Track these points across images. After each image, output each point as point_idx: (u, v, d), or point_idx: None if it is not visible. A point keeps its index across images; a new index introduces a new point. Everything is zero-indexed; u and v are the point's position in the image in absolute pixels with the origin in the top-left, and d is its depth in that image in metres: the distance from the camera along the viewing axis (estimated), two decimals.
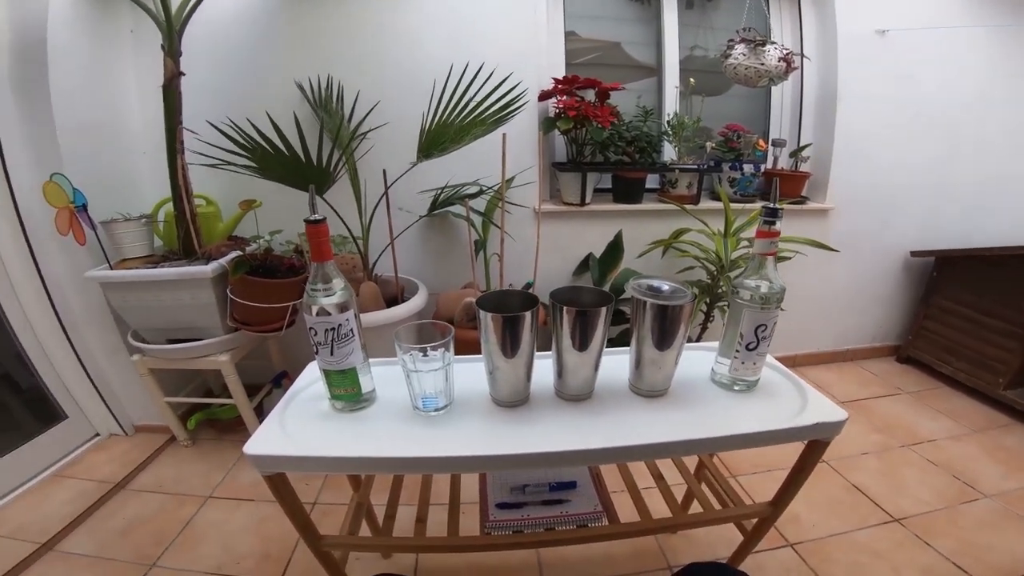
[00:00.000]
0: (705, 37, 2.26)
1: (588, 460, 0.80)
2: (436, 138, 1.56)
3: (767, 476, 1.71)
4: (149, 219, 1.72)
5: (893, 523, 1.51)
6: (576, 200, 2.06)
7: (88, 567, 1.39)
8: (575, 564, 1.40)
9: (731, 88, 2.29)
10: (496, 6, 1.87)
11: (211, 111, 1.54)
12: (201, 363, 1.70)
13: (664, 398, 0.88)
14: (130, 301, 1.62)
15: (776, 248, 0.82)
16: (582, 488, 1.12)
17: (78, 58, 1.62)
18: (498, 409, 0.86)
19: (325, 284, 0.76)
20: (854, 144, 2.17)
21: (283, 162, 1.37)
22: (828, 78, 2.15)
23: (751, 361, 0.87)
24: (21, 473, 1.68)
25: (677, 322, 0.80)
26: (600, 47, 2.20)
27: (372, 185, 1.74)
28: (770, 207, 0.79)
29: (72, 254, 1.63)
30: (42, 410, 1.81)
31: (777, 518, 1.00)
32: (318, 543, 0.92)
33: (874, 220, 2.32)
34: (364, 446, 0.76)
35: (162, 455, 1.88)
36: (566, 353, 0.82)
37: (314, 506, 1.60)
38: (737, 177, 2.12)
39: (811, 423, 0.80)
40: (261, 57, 1.84)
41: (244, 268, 1.53)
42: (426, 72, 1.73)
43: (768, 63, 1.83)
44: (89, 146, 1.67)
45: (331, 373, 0.81)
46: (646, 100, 2.15)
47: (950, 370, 2.29)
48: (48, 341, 1.77)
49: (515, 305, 0.82)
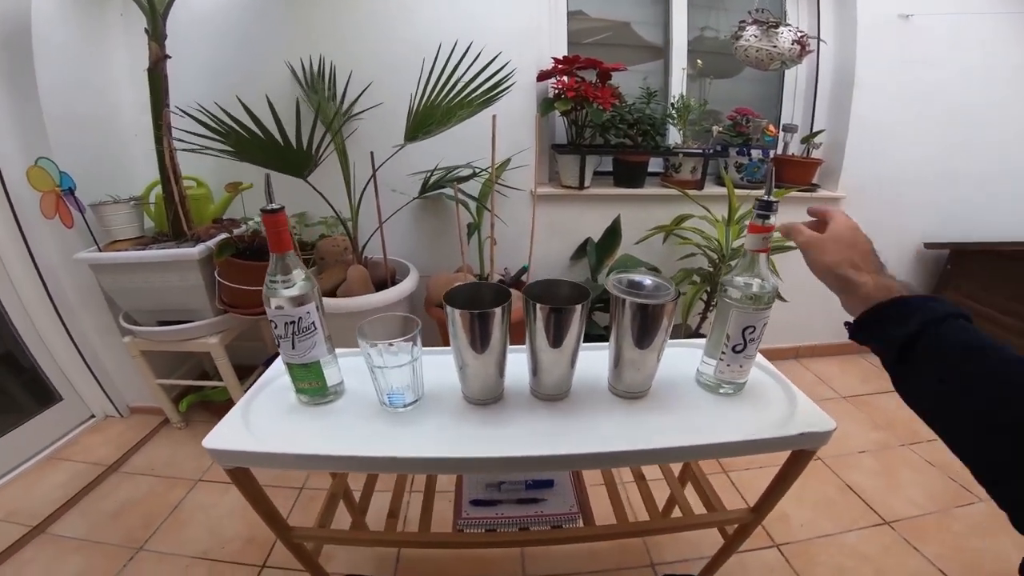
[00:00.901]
0: (717, 18, 2.17)
1: (560, 466, 0.77)
2: (423, 120, 1.51)
3: (761, 473, 1.63)
4: (139, 201, 1.70)
5: (883, 526, 1.47)
6: (575, 183, 2.00)
7: (77, 550, 1.39)
8: (557, 558, 1.38)
9: (742, 71, 2.20)
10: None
11: (203, 93, 1.50)
12: (191, 345, 1.69)
13: (644, 400, 0.84)
14: (120, 283, 1.60)
15: (769, 244, 0.76)
16: (559, 487, 1.10)
17: (66, 43, 1.59)
18: (469, 407, 0.82)
19: (284, 276, 0.72)
20: (869, 131, 2.08)
21: (261, 145, 1.33)
22: (845, 63, 2.05)
23: (737, 364, 0.81)
24: (17, 455, 1.69)
25: (659, 321, 0.75)
26: (609, 27, 2.12)
27: (362, 167, 1.69)
28: (764, 200, 0.72)
29: (63, 237, 1.62)
30: (38, 392, 1.82)
31: (758, 524, 0.96)
32: (288, 535, 0.90)
33: (888, 209, 2.23)
34: (327, 444, 0.73)
35: (155, 437, 1.89)
36: (540, 352, 0.78)
37: (301, 491, 1.60)
38: (744, 163, 2.05)
39: (796, 433, 0.75)
40: (254, 37, 1.79)
41: (230, 251, 1.51)
42: (421, 52, 1.66)
43: (781, 46, 1.74)
44: (79, 130, 1.65)
45: (294, 366, 0.78)
46: (653, 82, 2.07)
47: None
48: (42, 323, 1.76)
49: (487, 298, 0.78)
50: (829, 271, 0.61)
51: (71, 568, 1.34)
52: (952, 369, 0.46)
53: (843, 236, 0.62)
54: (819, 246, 0.63)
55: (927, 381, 0.48)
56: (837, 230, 0.63)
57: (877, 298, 0.55)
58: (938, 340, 0.47)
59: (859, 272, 0.58)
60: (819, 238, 0.64)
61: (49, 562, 1.36)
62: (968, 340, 0.46)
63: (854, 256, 0.60)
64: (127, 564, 1.35)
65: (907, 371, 0.50)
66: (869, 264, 0.59)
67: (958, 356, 0.46)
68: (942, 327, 0.48)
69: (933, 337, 0.48)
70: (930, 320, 0.48)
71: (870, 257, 0.61)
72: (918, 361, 0.48)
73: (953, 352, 0.46)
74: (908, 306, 0.51)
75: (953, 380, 0.45)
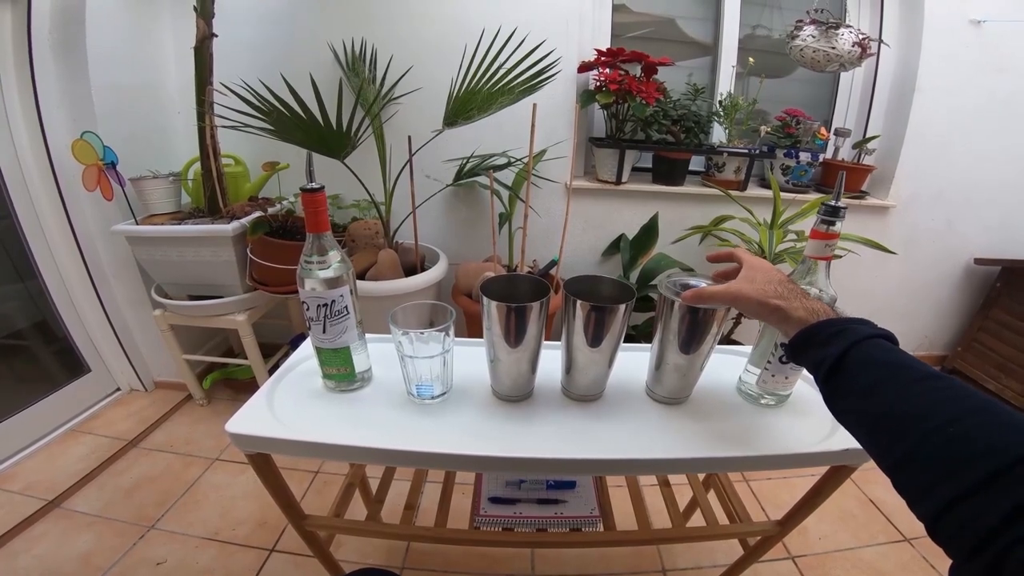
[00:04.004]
0: (770, 16, 2.08)
1: (591, 470, 0.74)
2: (463, 106, 1.48)
3: (783, 484, 1.61)
4: (177, 177, 1.72)
5: (903, 543, 1.43)
6: (612, 178, 1.94)
7: (88, 526, 1.40)
8: (568, 559, 1.35)
9: (793, 71, 2.11)
10: None
11: (245, 72, 1.50)
12: (219, 321, 1.70)
13: (682, 406, 0.79)
14: (155, 256, 1.62)
15: (833, 252, 0.71)
16: (581, 489, 1.06)
17: (116, 20, 1.62)
18: (498, 403, 0.79)
19: (320, 256, 0.70)
20: (928, 139, 1.97)
21: (301, 125, 1.32)
22: (907, 67, 1.94)
23: (783, 375, 0.77)
24: (43, 426, 1.72)
25: (709, 326, 0.71)
26: (652, 22, 2.05)
27: (398, 151, 1.68)
28: (831, 205, 0.67)
29: (103, 209, 1.64)
30: (67, 362, 1.84)
31: (783, 537, 0.92)
32: (301, 523, 0.88)
33: (939, 221, 2.12)
34: (351, 433, 0.71)
35: (177, 413, 1.90)
36: (577, 350, 0.74)
37: (316, 475, 1.59)
38: (791, 165, 1.96)
39: (840, 448, 0.71)
40: (297, 18, 1.79)
41: (263, 229, 1.51)
42: (462, 37, 1.64)
43: (840, 47, 1.66)
44: (124, 105, 1.67)
45: (323, 351, 0.76)
46: (698, 79, 2.00)
47: (997, 387, 2.09)
48: (77, 293, 1.80)
49: (524, 291, 0.75)
50: (763, 305, 0.61)
51: (80, 545, 1.34)
52: (875, 384, 0.48)
53: (759, 270, 0.65)
54: (744, 288, 0.63)
55: (852, 398, 0.51)
56: (753, 265, 0.66)
57: (808, 321, 0.57)
58: (863, 358, 0.50)
59: (787, 300, 0.60)
60: (739, 283, 0.64)
61: (60, 537, 1.36)
62: (890, 359, 0.49)
63: (777, 287, 0.62)
64: (136, 543, 1.34)
65: (835, 387, 0.52)
66: (792, 291, 0.61)
67: (881, 373, 0.49)
68: (866, 346, 0.51)
69: (858, 355, 0.51)
70: (856, 340, 0.51)
71: (789, 284, 0.62)
72: (845, 378, 0.51)
73: (876, 369, 0.49)
74: (835, 327, 0.54)
75: (875, 394, 0.48)
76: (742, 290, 0.63)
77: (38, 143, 1.59)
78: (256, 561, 1.31)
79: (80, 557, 1.30)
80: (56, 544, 1.34)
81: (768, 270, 0.65)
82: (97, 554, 1.31)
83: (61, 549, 1.33)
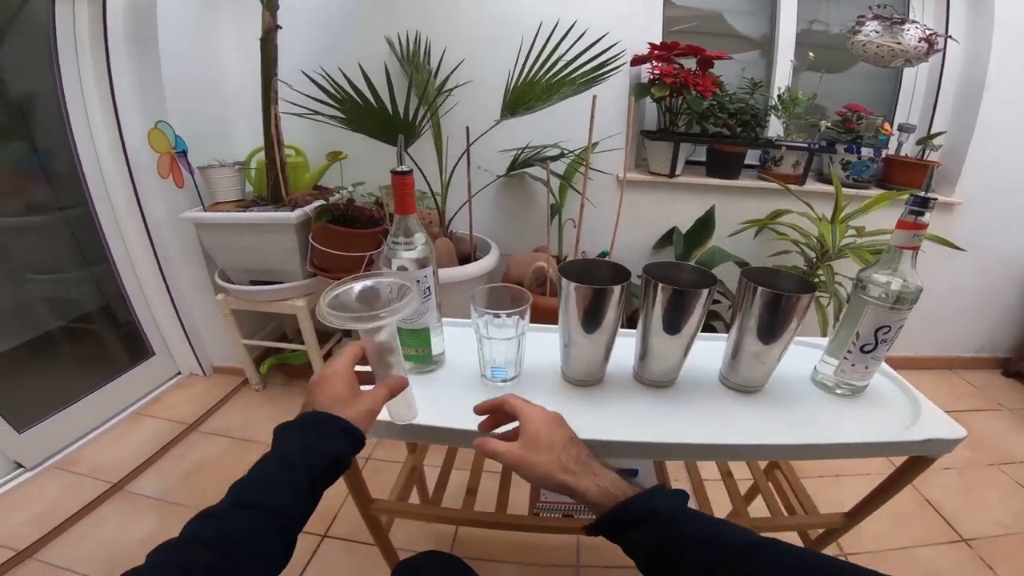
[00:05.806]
0: (827, 10, 2.04)
1: (666, 454, 0.74)
2: (522, 96, 1.50)
3: (834, 482, 1.57)
4: (242, 166, 1.78)
5: (960, 543, 1.38)
6: (665, 171, 1.93)
7: (151, 509, 1.44)
8: (613, 550, 1.33)
9: (852, 66, 2.05)
10: None
11: (305, 64, 1.54)
12: (279, 307, 1.75)
13: (757, 395, 0.79)
14: (221, 242, 1.69)
15: (920, 243, 0.70)
16: (643, 478, 1.06)
17: (185, 16, 1.69)
18: (568, 387, 0.81)
19: (407, 238, 0.72)
20: (996, 137, 1.88)
21: (372, 114, 1.36)
22: (976, 64, 1.86)
23: (863, 364, 0.76)
24: (110, 408, 1.79)
25: (791, 314, 0.70)
26: (699, 16, 2.03)
27: (453, 142, 1.71)
28: (921, 196, 0.67)
29: (171, 196, 1.71)
30: (133, 346, 1.93)
31: (847, 531, 0.90)
32: (368, 507, 0.90)
33: (1007, 220, 2.03)
34: (428, 414, 0.71)
35: (234, 397, 1.96)
36: (654, 336, 0.75)
37: (367, 462, 1.62)
38: (852, 160, 1.91)
39: (922, 438, 0.70)
40: (355, 11, 1.83)
41: (326, 216, 1.55)
42: (516, 29, 1.65)
43: (906, 43, 1.61)
44: (192, 96, 1.74)
45: (403, 331, 0.78)
46: (749, 73, 1.96)
47: None
48: (145, 277, 1.88)
49: (602, 276, 0.76)
50: (549, 479, 0.55)
51: (143, 528, 1.37)
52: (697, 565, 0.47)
53: (541, 439, 0.57)
54: (527, 457, 0.56)
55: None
56: (533, 432, 0.57)
57: (605, 505, 0.52)
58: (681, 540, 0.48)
59: (575, 476, 0.54)
60: (520, 453, 0.56)
61: (123, 521, 1.40)
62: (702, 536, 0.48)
63: (562, 457, 0.55)
64: None
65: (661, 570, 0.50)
66: (580, 462, 0.55)
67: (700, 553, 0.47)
68: (676, 526, 0.49)
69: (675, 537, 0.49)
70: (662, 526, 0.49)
71: (573, 449, 0.56)
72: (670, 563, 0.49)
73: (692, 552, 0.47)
74: (634, 512, 0.51)
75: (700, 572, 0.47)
76: (525, 458, 0.56)
77: (113, 134, 1.66)
78: (309, 546, 1.33)
79: (142, 541, 1.33)
80: (121, 526, 1.38)
81: (550, 432, 0.57)
82: (159, 537, 1.31)
83: (124, 533, 1.36)
